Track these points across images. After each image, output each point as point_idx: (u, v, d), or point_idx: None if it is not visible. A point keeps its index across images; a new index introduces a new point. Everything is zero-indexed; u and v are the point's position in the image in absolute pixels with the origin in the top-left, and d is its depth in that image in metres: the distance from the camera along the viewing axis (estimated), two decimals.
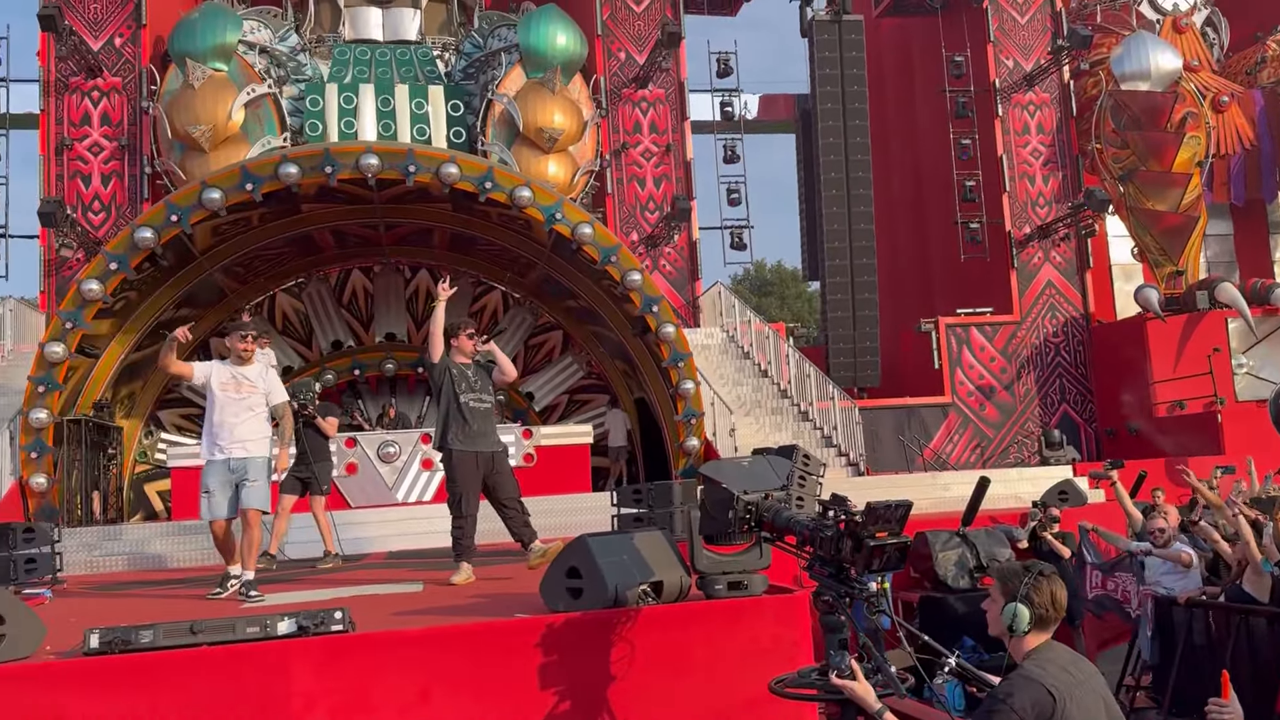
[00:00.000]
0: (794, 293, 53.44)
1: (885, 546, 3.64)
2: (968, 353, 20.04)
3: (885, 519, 3.66)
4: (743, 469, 4.63)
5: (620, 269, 15.57)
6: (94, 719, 4.34)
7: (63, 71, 19.58)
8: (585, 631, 4.99)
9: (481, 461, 7.42)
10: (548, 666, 4.90)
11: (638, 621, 5.04)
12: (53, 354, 13.94)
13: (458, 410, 7.43)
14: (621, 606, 5.06)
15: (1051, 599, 3.59)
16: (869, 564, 3.64)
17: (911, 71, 25.42)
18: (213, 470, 7.17)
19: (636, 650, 5.01)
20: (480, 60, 20.72)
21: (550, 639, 4.96)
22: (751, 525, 4.28)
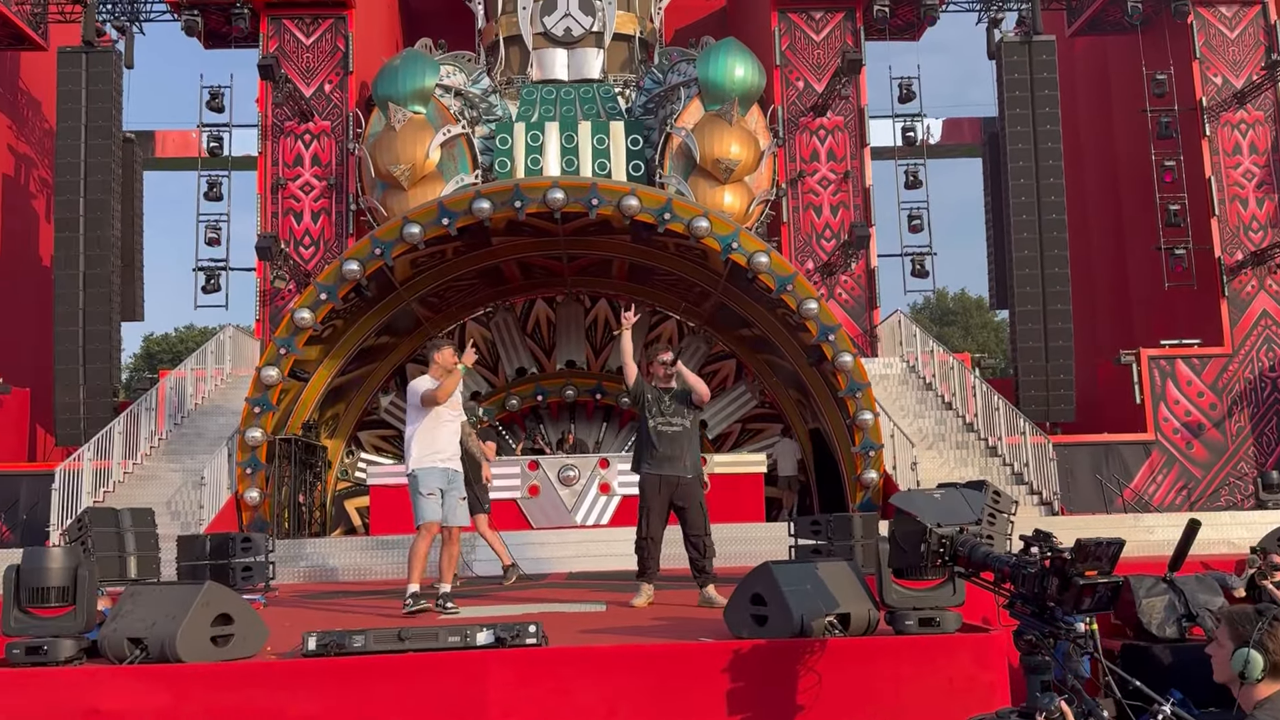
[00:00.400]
0: (979, 322, 51.53)
1: (1096, 585, 3.48)
2: (1173, 387, 18.80)
3: (1096, 557, 3.50)
4: (935, 501, 4.52)
5: (796, 297, 15.52)
6: (310, 715, 4.66)
7: (278, 117, 21.27)
8: (770, 659, 4.98)
9: (666, 485, 7.47)
10: (733, 692, 4.92)
11: (824, 653, 4.99)
12: (268, 377, 15.08)
13: (647, 434, 7.56)
14: (806, 636, 5.03)
15: None
16: (1078, 603, 3.48)
17: (1108, 91, 24.23)
18: (436, 475, 7.38)
19: (823, 682, 4.95)
20: (659, 95, 21.16)
21: (735, 665, 4.98)
22: (945, 559, 4.16)
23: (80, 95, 19.92)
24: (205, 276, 21.71)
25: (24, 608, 4.99)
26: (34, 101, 23.58)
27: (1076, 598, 3.48)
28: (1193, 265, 21.18)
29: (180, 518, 15.20)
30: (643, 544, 7.51)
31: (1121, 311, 23.49)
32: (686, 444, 7.56)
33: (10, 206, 22.54)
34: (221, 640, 4.96)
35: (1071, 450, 17.77)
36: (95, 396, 19.23)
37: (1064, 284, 19.74)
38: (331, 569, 12.66)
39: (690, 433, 7.63)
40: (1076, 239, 21.60)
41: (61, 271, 19.62)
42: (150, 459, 17.02)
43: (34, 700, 4.66)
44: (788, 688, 4.88)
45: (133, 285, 22.71)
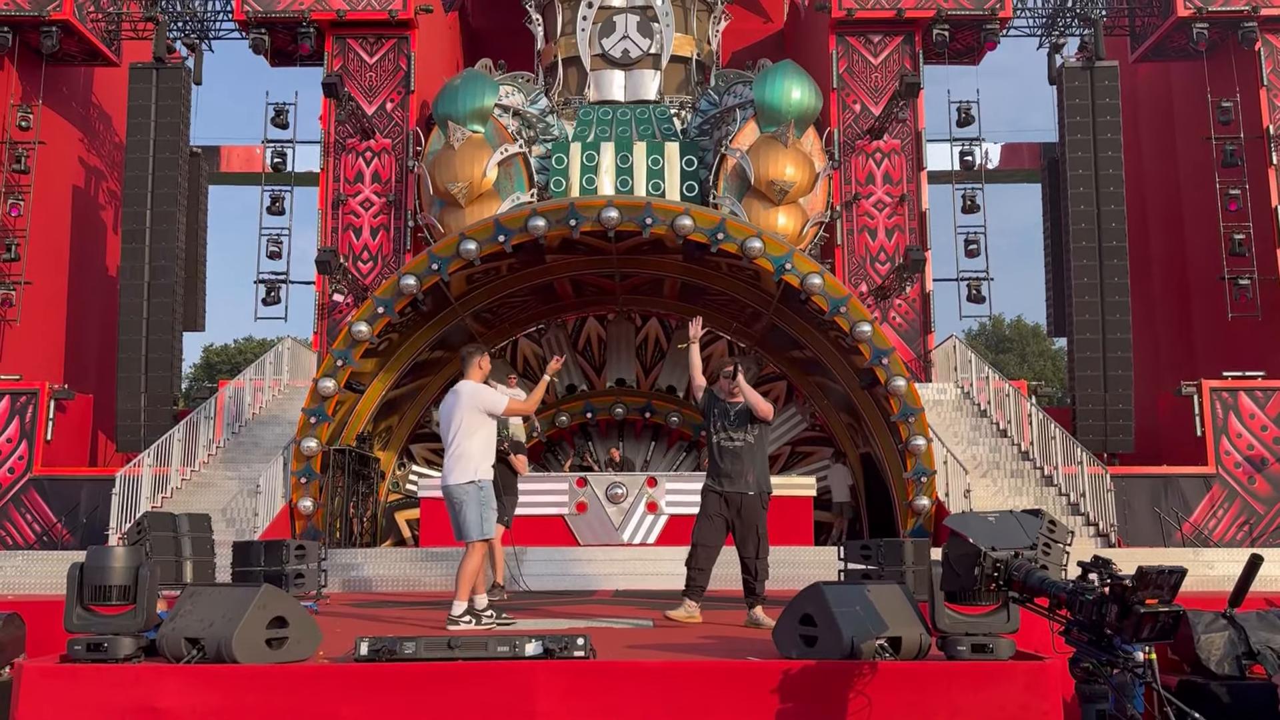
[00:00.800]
0: (1036, 349, 50.74)
1: (1157, 614, 3.40)
2: (1235, 420, 18.32)
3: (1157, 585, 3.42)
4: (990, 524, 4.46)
5: (849, 319, 15.43)
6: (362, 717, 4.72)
7: (340, 134, 21.70)
8: (819, 680, 4.94)
9: (727, 501, 7.43)
10: (780, 713, 4.88)
11: (874, 676, 4.94)
12: (325, 388, 15.33)
13: (710, 449, 7.59)
14: (856, 659, 4.98)
15: None
16: (1137, 632, 3.40)
17: (1171, 118, 23.83)
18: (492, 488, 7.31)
19: (873, 706, 4.90)
20: (715, 117, 21.24)
21: (783, 685, 4.94)
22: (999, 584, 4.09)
23: (150, 110, 20.50)
24: (266, 289, 22.14)
25: (86, 605, 5.11)
26: (105, 116, 24.32)
27: (1136, 626, 3.40)
28: (1257, 295, 20.69)
29: (235, 525, 15.47)
30: (693, 552, 7.43)
31: (1183, 342, 23.00)
32: (749, 460, 7.45)
33: (80, 217, 23.24)
34: (276, 643, 5.04)
35: (1129, 482, 17.38)
36: (156, 404, 19.67)
37: (1124, 312, 19.38)
38: (381, 579, 12.79)
39: (754, 449, 7.50)
40: (1137, 267, 21.20)
41: (127, 281, 20.14)
42: (208, 466, 17.36)
43: (93, 696, 4.77)
44: (836, 710, 4.84)
45: (195, 296, 23.23)
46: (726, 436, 7.45)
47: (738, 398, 7.54)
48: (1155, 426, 20.48)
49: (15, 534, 17.80)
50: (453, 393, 7.53)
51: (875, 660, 4.96)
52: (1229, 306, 20.71)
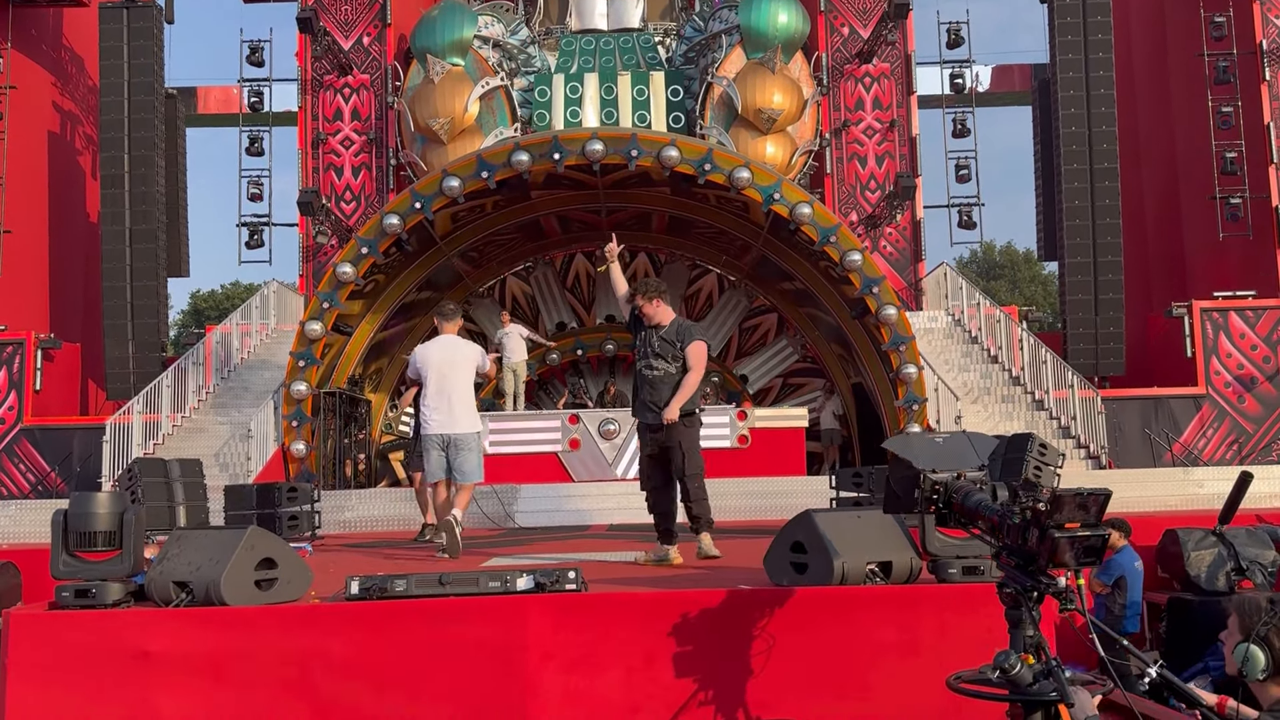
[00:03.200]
0: (1027, 275, 50.69)
1: (1074, 538, 3.31)
2: (1225, 340, 18.31)
3: (1081, 508, 3.32)
4: (936, 446, 4.35)
5: (839, 249, 15.32)
6: (353, 657, 4.72)
7: (317, 70, 21.24)
8: (809, 606, 4.94)
9: (653, 432, 6.88)
10: (771, 638, 4.89)
11: (865, 600, 4.94)
12: (312, 331, 15.22)
13: (635, 376, 7.12)
14: (847, 584, 4.98)
15: None
16: (1054, 556, 3.33)
17: (1164, 35, 23.42)
18: None
19: (863, 629, 4.91)
20: (700, 44, 20.82)
21: (774, 612, 4.94)
22: (939, 506, 4.02)
23: (122, 51, 20.01)
24: (249, 232, 21.90)
25: (72, 552, 5.07)
26: (77, 58, 23.76)
27: (1053, 550, 3.32)
28: (1249, 215, 20.57)
29: (229, 470, 15.46)
30: (648, 499, 7.10)
31: (1174, 263, 22.91)
32: (670, 390, 6.84)
33: (57, 164, 22.83)
34: (265, 584, 5.02)
35: (1120, 404, 17.44)
36: (144, 351, 19.53)
37: (1115, 235, 19.26)
38: (375, 520, 12.82)
39: (676, 378, 6.87)
40: (1129, 189, 21.01)
41: (108, 228, 19.86)
42: (198, 412, 17.31)
43: (82, 642, 4.75)
44: (826, 633, 4.85)
45: (178, 241, 22.97)
46: (647, 365, 6.89)
47: (657, 321, 6.92)
48: (1146, 348, 20.50)
49: (10, 484, 17.81)
50: (452, 345, 8.14)
51: (866, 585, 4.96)
52: (1220, 226, 20.61)
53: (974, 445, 4.37)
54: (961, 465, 4.03)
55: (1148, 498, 12.82)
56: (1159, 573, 9.79)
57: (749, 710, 4.78)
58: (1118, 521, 9.27)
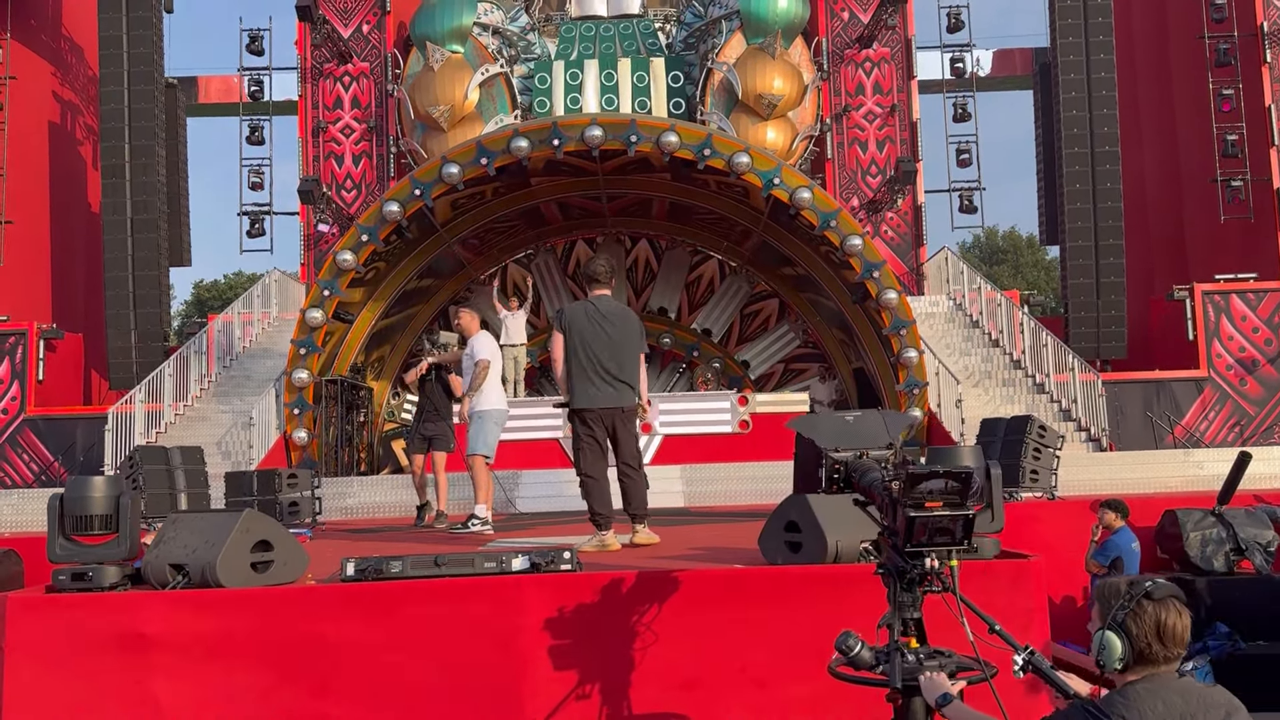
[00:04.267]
0: (1028, 260, 50.58)
1: (930, 519, 3.16)
2: (1227, 323, 18.27)
3: (940, 487, 3.18)
4: (844, 424, 4.32)
5: (840, 234, 15.29)
6: (349, 636, 4.74)
7: (317, 59, 21.20)
8: (803, 584, 4.96)
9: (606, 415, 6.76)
10: (766, 617, 4.91)
11: (858, 578, 4.95)
12: (312, 319, 15.24)
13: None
14: (841, 562, 4.99)
15: (1157, 629, 2.80)
16: (910, 539, 3.23)
17: (1164, 18, 23.29)
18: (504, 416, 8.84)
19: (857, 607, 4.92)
20: (701, 29, 20.75)
21: (769, 591, 4.97)
22: (841, 486, 4.00)
23: (122, 41, 19.96)
24: (250, 221, 21.90)
25: (69, 535, 5.10)
26: (77, 48, 23.74)
27: (909, 531, 3.23)
28: (1250, 197, 20.50)
29: (231, 457, 15.50)
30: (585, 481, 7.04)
31: (1175, 246, 22.84)
32: None
33: (58, 154, 22.83)
34: (261, 566, 5.05)
35: (1122, 387, 17.43)
36: (146, 341, 19.56)
37: (1117, 218, 19.20)
38: (377, 506, 12.86)
39: None
40: (1130, 172, 20.94)
41: (109, 218, 19.86)
42: (200, 401, 17.34)
43: (80, 624, 4.78)
44: (821, 611, 4.86)
45: (180, 231, 22.98)
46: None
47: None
48: (1147, 331, 20.46)
49: (14, 474, 17.87)
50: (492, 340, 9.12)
51: (860, 563, 4.98)
52: (1221, 209, 20.55)
53: (886, 423, 4.31)
54: (868, 444, 3.96)
55: (1148, 479, 12.82)
56: (1158, 553, 9.80)
57: (744, 686, 4.80)
58: (1116, 503, 9.29)
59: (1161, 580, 2.92)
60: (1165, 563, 9.76)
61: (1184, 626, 2.85)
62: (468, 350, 8.95)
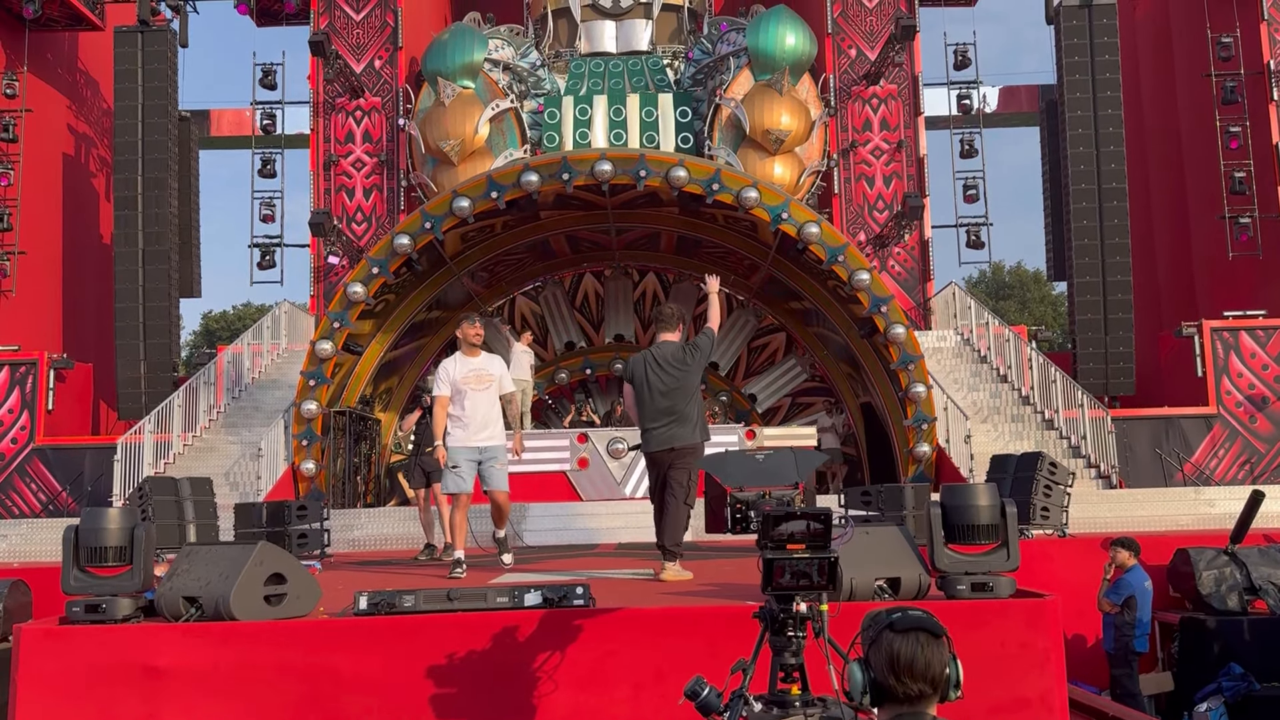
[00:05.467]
0: (1036, 295, 50.61)
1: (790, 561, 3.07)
2: (1236, 360, 18.25)
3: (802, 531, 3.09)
4: (754, 464, 4.31)
5: (847, 268, 15.34)
6: (361, 670, 4.72)
7: (329, 93, 21.43)
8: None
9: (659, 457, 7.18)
10: None
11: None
12: (322, 350, 15.29)
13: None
14: (856, 600, 4.97)
15: (891, 662, 2.53)
16: (769, 582, 3.12)
17: (1170, 56, 23.49)
18: (462, 453, 7.77)
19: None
20: (709, 66, 20.94)
21: None
22: (743, 525, 3.97)
23: (136, 75, 20.24)
24: (260, 253, 22.03)
25: (83, 567, 5.10)
26: (92, 82, 24.03)
27: (767, 574, 3.12)
28: (1258, 234, 20.53)
29: (239, 488, 15.50)
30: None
31: (1183, 282, 22.87)
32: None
33: (71, 186, 23.05)
34: (275, 599, 5.04)
35: (1131, 424, 17.38)
36: (156, 371, 19.65)
37: (1124, 254, 19.25)
38: (385, 538, 12.84)
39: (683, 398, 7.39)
40: (1137, 208, 21.03)
41: (121, 249, 20.02)
42: (209, 431, 17.37)
43: (92, 656, 4.77)
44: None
45: (190, 262, 23.13)
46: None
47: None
48: (1156, 368, 20.44)
49: (21, 504, 17.86)
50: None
51: (875, 600, 4.95)
52: (1230, 245, 20.57)
53: (796, 462, 4.27)
54: (774, 482, 3.93)
55: (1159, 517, 12.76)
56: (1170, 592, 9.74)
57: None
58: (1127, 541, 9.24)
59: (915, 610, 2.64)
60: (1178, 601, 9.70)
61: (925, 661, 2.53)
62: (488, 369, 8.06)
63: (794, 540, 3.14)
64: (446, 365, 8.03)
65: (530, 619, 4.81)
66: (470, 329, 8.13)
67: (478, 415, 7.82)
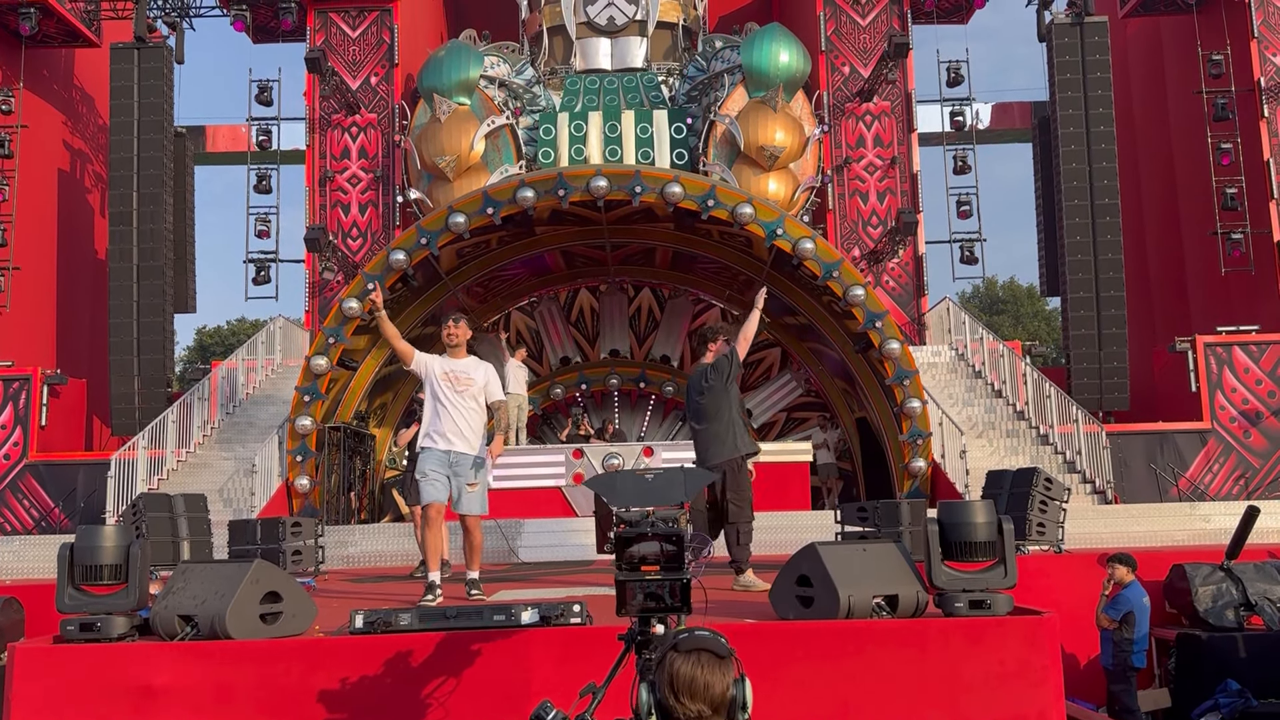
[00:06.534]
0: (1029, 310, 50.76)
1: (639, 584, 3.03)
2: (1230, 375, 18.31)
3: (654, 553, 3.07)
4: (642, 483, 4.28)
5: (842, 284, 15.38)
6: (357, 690, 4.70)
7: (325, 110, 21.48)
8: (816, 640, 4.93)
9: None
10: (778, 673, 4.87)
11: (871, 634, 4.93)
12: (317, 366, 15.27)
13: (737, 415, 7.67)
14: (854, 618, 4.97)
15: (673, 682, 2.48)
16: (623, 603, 3.10)
17: (1162, 73, 23.66)
18: (431, 457, 7.18)
19: (870, 664, 4.89)
20: (703, 83, 21.04)
21: (780, 646, 4.93)
22: None
23: (132, 91, 20.26)
24: (255, 268, 22.03)
25: (78, 585, 5.08)
26: (88, 98, 24.05)
27: (620, 596, 3.09)
28: (1250, 250, 20.63)
29: (232, 505, 15.44)
30: None
31: (1177, 298, 22.97)
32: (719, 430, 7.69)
33: (66, 201, 23.03)
34: (270, 618, 5.02)
35: (1125, 439, 17.41)
36: (149, 387, 19.59)
37: (1117, 270, 19.33)
38: (379, 555, 12.79)
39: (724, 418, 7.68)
40: (1130, 224, 21.12)
41: (116, 264, 20.00)
42: (203, 447, 17.31)
43: (87, 676, 4.74)
44: (833, 668, 4.83)
45: (185, 278, 23.11)
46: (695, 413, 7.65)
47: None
48: (1150, 383, 20.49)
49: (13, 520, 17.78)
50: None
51: (872, 619, 4.95)
52: (1222, 261, 20.67)
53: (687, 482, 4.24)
54: (661, 501, 3.90)
55: (1155, 532, 12.76)
56: (1167, 608, 9.73)
57: None
58: (1124, 556, 9.24)
59: (702, 631, 2.59)
60: (1174, 617, 9.69)
61: (705, 682, 2.47)
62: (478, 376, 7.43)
63: (647, 562, 3.09)
64: (430, 358, 7.48)
65: (527, 637, 4.80)
66: (450, 328, 7.49)
67: (451, 420, 7.19)
